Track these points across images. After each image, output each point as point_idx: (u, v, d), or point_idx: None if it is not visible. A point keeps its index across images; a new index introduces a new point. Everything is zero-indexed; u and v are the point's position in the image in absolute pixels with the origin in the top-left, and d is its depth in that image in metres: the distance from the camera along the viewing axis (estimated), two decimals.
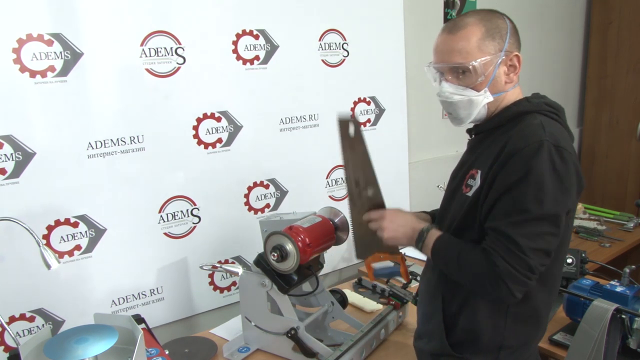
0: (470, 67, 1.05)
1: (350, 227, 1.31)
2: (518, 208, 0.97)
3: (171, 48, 1.65)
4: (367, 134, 1.33)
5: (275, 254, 1.35)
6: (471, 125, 1.18)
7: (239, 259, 1.91)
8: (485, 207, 1.04)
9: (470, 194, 1.08)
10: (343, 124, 1.18)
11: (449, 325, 1.15)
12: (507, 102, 1.10)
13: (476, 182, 1.07)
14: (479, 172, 1.07)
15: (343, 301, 1.66)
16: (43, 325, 1.54)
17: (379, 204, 1.22)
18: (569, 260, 1.77)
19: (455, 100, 1.09)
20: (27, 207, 1.47)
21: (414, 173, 2.38)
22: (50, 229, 1.53)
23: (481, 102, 1.08)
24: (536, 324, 1.13)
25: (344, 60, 2.07)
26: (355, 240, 1.31)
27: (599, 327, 1.30)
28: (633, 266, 1.55)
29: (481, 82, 1.06)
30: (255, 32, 1.82)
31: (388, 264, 1.33)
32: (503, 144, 1.03)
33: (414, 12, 2.26)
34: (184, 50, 1.67)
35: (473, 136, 1.19)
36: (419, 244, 1.12)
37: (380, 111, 2.21)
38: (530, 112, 1.07)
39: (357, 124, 1.19)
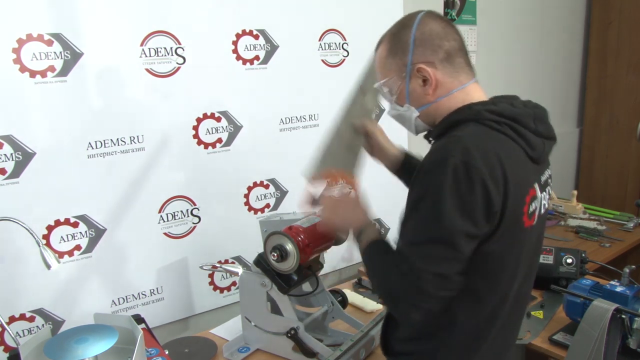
0: (380, 88, 1.07)
1: (328, 134, 1.33)
2: (418, 228, 0.92)
3: (171, 48, 1.65)
4: None
5: (275, 254, 1.35)
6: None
7: (239, 259, 1.91)
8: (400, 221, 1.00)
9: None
10: None
11: (390, 330, 1.13)
12: (450, 109, 1.02)
13: None
14: None
15: (343, 301, 1.66)
16: (43, 325, 1.54)
17: (369, 112, 1.33)
18: (569, 260, 1.78)
19: (391, 115, 1.11)
20: (27, 207, 1.47)
21: None
22: (50, 229, 1.53)
23: (410, 116, 1.06)
24: (468, 351, 1.03)
25: (344, 60, 2.07)
26: (321, 151, 1.32)
27: (599, 327, 1.30)
28: (633, 266, 1.55)
29: (397, 99, 1.06)
30: (255, 32, 1.82)
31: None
32: None
33: None
34: (184, 50, 1.67)
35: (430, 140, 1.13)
36: (358, 239, 1.08)
37: (380, 111, 2.21)
38: (466, 120, 0.97)
39: None
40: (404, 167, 1.31)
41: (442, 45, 1.00)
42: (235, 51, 1.78)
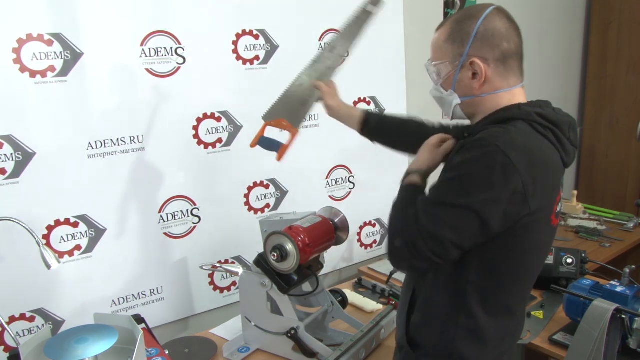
0: (429, 67, 1.08)
1: (288, 86, 1.44)
2: (440, 191, 0.98)
3: (171, 48, 1.65)
4: None
5: (275, 254, 1.35)
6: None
7: (239, 259, 1.91)
8: None
9: None
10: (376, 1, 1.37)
11: (410, 318, 1.14)
12: (497, 106, 1.04)
13: None
14: None
15: (343, 301, 1.66)
16: (43, 325, 1.54)
17: (331, 72, 1.44)
18: (569, 260, 1.78)
19: (432, 95, 1.12)
20: (27, 207, 1.47)
21: None
22: (50, 229, 1.53)
23: (451, 102, 1.08)
24: (481, 343, 1.05)
25: (344, 60, 2.06)
26: (280, 99, 1.43)
27: (599, 327, 1.31)
28: (633, 266, 1.55)
29: (444, 83, 1.07)
30: (255, 32, 1.82)
31: (275, 138, 1.44)
32: None
33: (414, 12, 2.25)
34: (184, 50, 1.67)
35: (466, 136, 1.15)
36: (406, 174, 1.18)
37: (380, 111, 2.21)
38: (515, 119, 1.00)
39: (380, 7, 1.37)
40: (365, 126, 1.40)
41: (501, 45, 1.01)
42: (235, 51, 1.78)
